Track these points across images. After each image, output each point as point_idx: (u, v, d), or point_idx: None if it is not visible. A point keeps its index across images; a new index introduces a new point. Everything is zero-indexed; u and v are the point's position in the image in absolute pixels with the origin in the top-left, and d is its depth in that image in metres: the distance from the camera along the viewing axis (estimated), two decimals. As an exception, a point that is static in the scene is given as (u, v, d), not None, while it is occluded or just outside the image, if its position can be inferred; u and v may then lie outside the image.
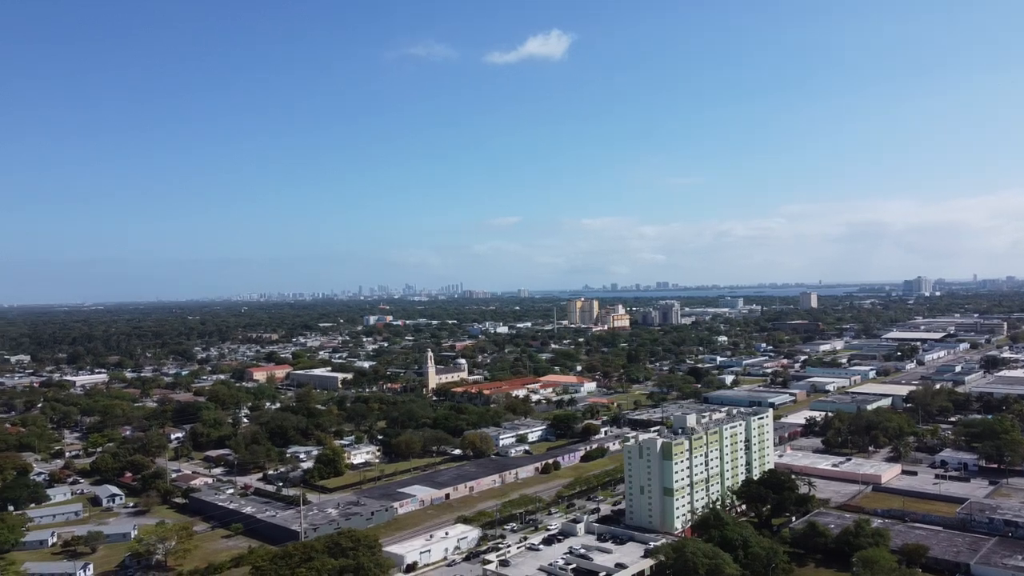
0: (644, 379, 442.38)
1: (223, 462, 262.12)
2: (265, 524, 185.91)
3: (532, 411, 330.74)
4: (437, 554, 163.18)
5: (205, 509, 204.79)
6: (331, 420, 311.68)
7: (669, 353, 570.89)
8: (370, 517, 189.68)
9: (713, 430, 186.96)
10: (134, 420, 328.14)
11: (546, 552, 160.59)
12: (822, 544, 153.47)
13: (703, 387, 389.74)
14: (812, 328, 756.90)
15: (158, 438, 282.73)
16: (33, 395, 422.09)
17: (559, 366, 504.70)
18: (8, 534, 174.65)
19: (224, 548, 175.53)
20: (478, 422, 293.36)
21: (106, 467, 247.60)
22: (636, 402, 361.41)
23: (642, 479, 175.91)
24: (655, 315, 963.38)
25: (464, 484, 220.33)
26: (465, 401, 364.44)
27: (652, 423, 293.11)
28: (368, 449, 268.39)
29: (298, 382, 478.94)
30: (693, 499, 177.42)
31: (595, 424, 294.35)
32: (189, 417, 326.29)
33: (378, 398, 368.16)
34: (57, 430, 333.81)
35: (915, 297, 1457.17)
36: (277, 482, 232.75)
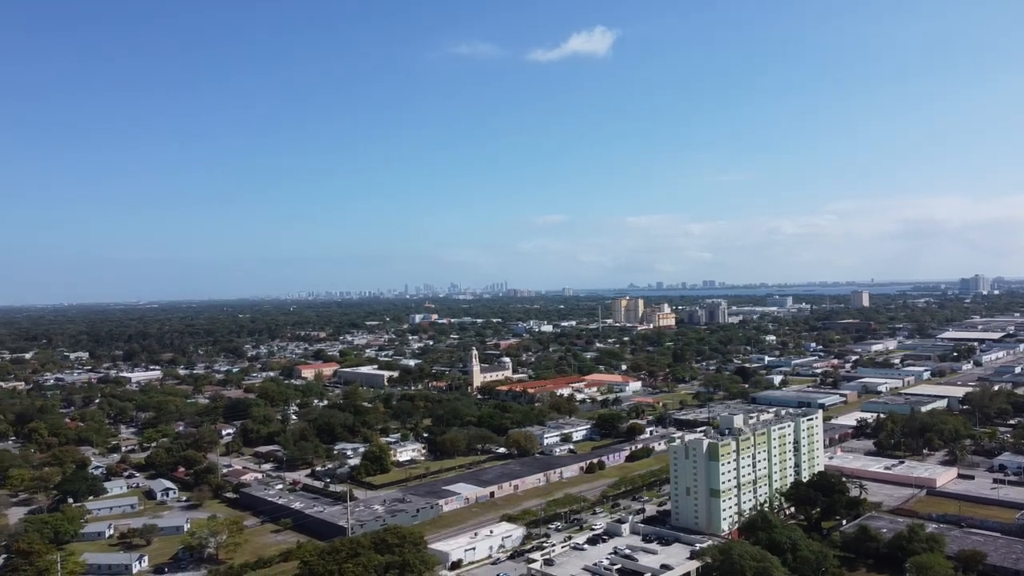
0: (690, 379, 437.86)
1: (272, 458, 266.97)
2: (313, 519, 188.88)
3: (576, 410, 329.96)
4: (482, 552, 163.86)
5: (255, 504, 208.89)
6: (377, 418, 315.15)
7: (716, 352, 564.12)
8: (415, 514, 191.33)
9: (761, 431, 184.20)
10: (187, 416, 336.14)
11: (591, 552, 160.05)
12: (874, 549, 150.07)
13: (751, 387, 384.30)
14: (864, 327, 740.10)
15: (210, 434, 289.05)
16: (91, 391, 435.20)
17: (604, 365, 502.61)
18: (68, 525, 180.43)
19: (273, 542, 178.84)
20: (523, 421, 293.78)
21: (160, 462, 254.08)
22: (682, 402, 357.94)
23: (688, 480, 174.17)
24: (701, 314, 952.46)
25: (509, 482, 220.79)
26: (510, 400, 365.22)
27: (698, 423, 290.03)
28: (414, 447, 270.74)
29: (345, 380, 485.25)
30: (740, 501, 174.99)
31: (640, 424, 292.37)
32: (240, 413, 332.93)
33: (424, 396, 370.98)
34: (114, 425, 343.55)
35: (972, 296, 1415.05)
36: (325, 478, 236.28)
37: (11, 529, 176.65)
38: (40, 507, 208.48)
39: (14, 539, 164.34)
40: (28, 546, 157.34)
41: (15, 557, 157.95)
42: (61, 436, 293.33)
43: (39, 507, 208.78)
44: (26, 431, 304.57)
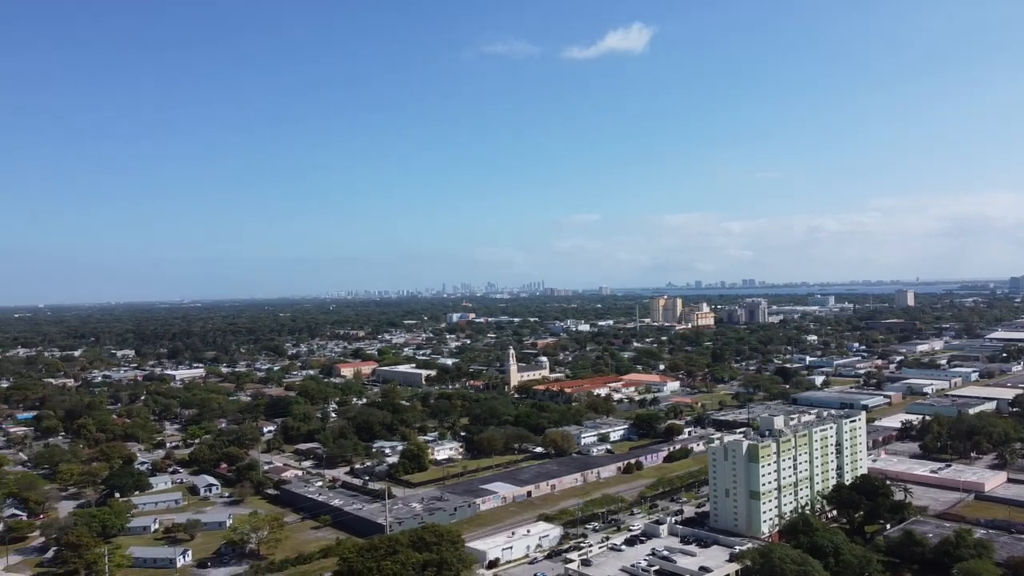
0: (729, 379, 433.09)
1: (312, 455, 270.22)
2: (352, 516, 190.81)
3: (614, 410, 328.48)
4: (519, 551, 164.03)
5: (295, 500, 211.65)
6: (415, 416, 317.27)
7: (756, 352, 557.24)
8: (453, 512, 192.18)
9: (802, 432, 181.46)
10: (229, 413, 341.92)
11: (628, 553, 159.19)
12: (919, 554, 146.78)
13: (791, 388, 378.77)
14: (909, 327, 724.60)
15: (251, 431, 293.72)
16: (137, 388, 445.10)
17: (641, 365, 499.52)
18: (115, 520, 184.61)
19: (313, 539, 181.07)
20: (560, 420, 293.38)
21: (203, 458, 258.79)
22: (721, 402, 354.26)
23: (727, 481, 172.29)
24: (741, 313, 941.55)
25: (546, 482, 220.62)
26: (547, 399, 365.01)
27: (738, 424, 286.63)
28: (451, 445, 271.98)
29: (383, 378, 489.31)
30: (781, 503, 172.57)
31: (678, 424, 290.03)
32: (280, 411, 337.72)
33: (461, 395, 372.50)
34: (159, 422, 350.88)
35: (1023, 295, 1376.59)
36: (363, 476, 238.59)
37: (61, 522, 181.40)
38: (88, 501, 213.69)
39: (64, 532, 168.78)
40: (77, 539, 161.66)
41: (65, 550, 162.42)
42: (108, 432, 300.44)
43: (87, 501, 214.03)
44: (75, 427, 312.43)
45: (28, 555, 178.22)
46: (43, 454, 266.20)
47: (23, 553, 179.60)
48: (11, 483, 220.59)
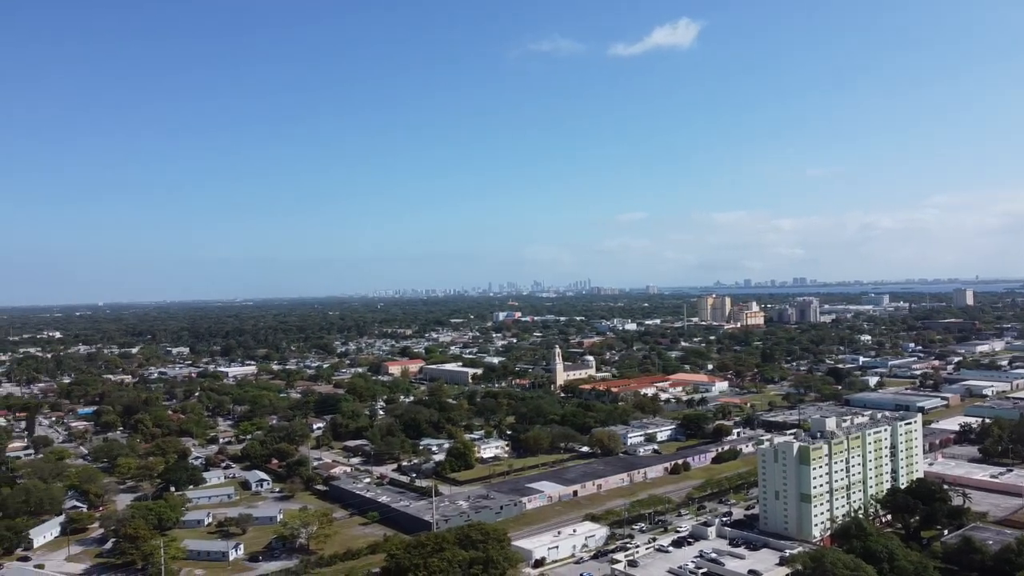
0: (779, 379, 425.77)
1: (360, 452, 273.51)
2: (399, 513, 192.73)
3: (661, 410, 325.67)
4: (565, 551, 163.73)
5: (344, 496, 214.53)
6: (462, 414, 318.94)
7: (807, 352, 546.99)
8: (499, 511, 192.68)
9: (855, 434, 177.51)
10: (280, 410, 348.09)
11: (676, 554, 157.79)
12: (978, 561, 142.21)
13: (844, 389, 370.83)
14: (967, 327, 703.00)
15: (301, 427, 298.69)
16: (191, 385, 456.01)
17: (689, 364, 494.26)
18: (170, 513, 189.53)
19: (361, 535, 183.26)
20: (606, 420, 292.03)
21: (255, 453, 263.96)
22: (771, 403, 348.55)
23: (777, 483, 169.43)
24: (792, 312, 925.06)
25: (592, 482, 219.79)
26: (593, 398, 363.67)
27: (788, 425, 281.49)
28: (497, 444, 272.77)
29: (430, 376, 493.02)
30: (833, 507, 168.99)
31: (727, 425, 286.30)
32: (329, 408, 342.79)
33: (507, 393, 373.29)
34: (212, 418, 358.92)
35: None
36: (410, 473, 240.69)
37: (119, 515, 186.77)
38: (145, 494, 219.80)
39: (122, 524, 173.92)
40: (135, 531, 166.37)
41: (123, 541, 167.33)
42: (164, 427, 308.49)
43: (144, 494, 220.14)
44: (132, 422, 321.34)
45: (88, 546, 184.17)
46: (102, 448, 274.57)
47: (84, 544, 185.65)
48: (73, 476, 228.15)
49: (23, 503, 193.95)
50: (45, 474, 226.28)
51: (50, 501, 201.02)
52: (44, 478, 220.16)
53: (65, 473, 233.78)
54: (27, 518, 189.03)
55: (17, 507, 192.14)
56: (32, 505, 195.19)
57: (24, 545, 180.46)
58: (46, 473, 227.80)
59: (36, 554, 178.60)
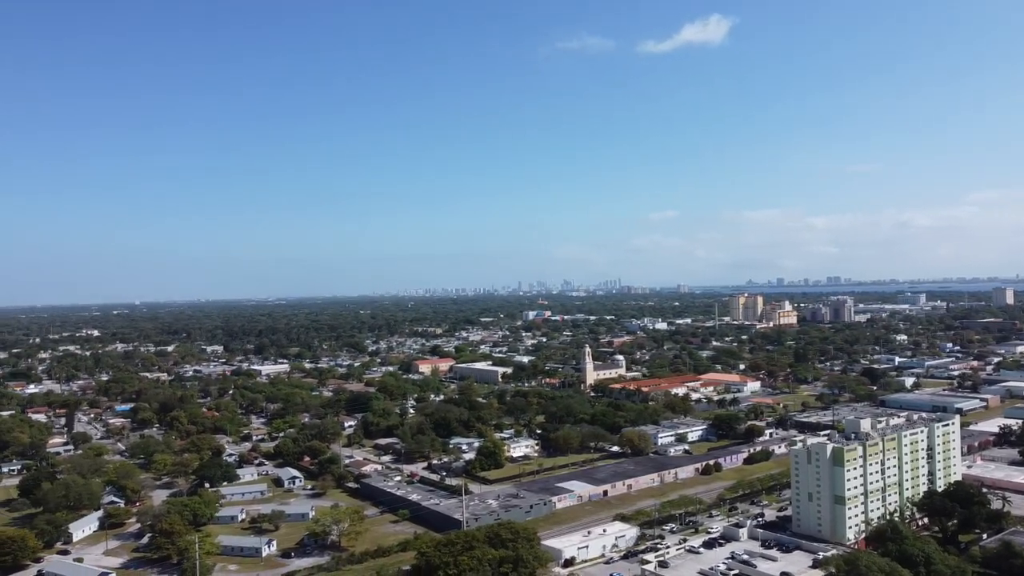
0: (813, 380, 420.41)
1: (391, 450, 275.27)
2: (429, 511, 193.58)
3: (692, 410, 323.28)
4: (595, 551, 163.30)
5: (375, 494, 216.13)
6: (492, 413, 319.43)
7: (841, 352, 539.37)
8: (529, 510, 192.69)
9: (891, 436, 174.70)
10: (312, 408, 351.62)
11: (707, 555, 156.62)
12: (1019, 567, 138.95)
13: (879, 389, 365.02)
14: (1007, 327, 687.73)
15: (333, 425, 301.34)
16: (225, 383, 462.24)
17: (721, 364, 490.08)
18: (205, 509, 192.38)
19: (392, 532, 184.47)
20: (636, 419, 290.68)
21: (287, 451, 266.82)
22: (804, 404, 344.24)
23: (810, 485, 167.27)
24: (825, 311, 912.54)
25: (622, 482, 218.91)
26: (623, 398, 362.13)
27: (822, 426, 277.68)
28: (527, 443, 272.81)
29: (460, 375, 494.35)
30: (867, 509, 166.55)
31: (759, 425, 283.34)
32: (361, 406, 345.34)
33: (537, 393, 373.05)
34: (245, 415, 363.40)
35: None
36: (441, 471, 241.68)
37: (155, 510, 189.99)
38: (180, 490, 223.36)
39: (158, 519, 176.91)
40: (170, 527, 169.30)
41: (159, 536, 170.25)
42: (199, 424, 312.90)
43: (179, 490, 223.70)
44: (168, 419, 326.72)
45: (126, 540, 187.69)
46: (139, 445, 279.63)
47: (121, 538, 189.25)
48: (111, 472, 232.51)
49: (63, 498, 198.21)
50: (84, 470, 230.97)
51: (89, 496, 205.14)
52: (83, 473, 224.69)
53: (103, 469, 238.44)
54: (67, 512, 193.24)
55: (57, 502, 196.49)
56: (71, 500, 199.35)
57: (64, 539, 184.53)
58: (85, 469, 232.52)
59: (75, 548, 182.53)
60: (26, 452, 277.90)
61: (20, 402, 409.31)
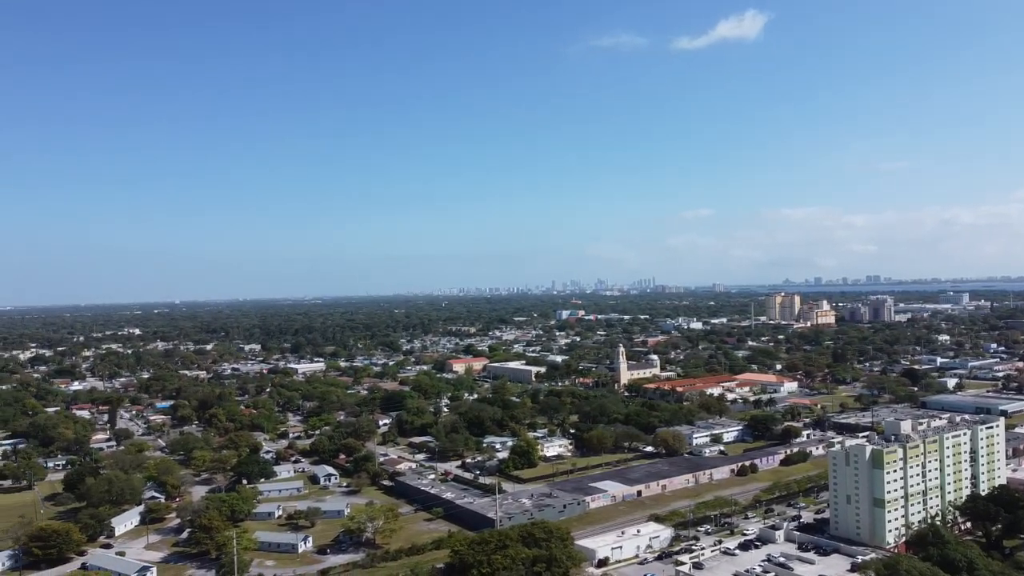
0: (851, 380, 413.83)
1: (425, 448, 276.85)
2: (463, 510, 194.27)
3: (727, 410, 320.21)
4: (629, 551, 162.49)
5: (409, 492, 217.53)
6: (525, 412, 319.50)
7: (880, 353, 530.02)
8: (562, 510, 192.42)
9: (932, 438, 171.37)
10: (347, 406, 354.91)
11: (742, 557, 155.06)
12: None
13: (920, 391, 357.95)
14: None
15: (368, 424, 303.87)
16: (262, 381, 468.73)
17: (757, 364, 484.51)
18: (243, 505, 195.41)
19: (426, 530, 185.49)
20: (671, 420, 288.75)
21: (323, 449, 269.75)
22: (842, 405, 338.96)
23: (849, 487, 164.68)
24: (864, 311, 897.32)
25: (656, 482, 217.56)
26: (657, 398, 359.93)
27: (860, 428, 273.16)
28: (560, 442, 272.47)
29: (494, 374, 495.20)
30: (908, 512, 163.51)
31: (796, 426, 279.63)
32: (395, 405, 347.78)
33: (570, 392, 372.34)
34: (282, 413, 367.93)
35: None
36: (474, 470, 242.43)
37: (195, 506, 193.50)
38: (219, 487, 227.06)
39: (197, 515, 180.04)
40: (209, 522, 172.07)
41: (198, 531, 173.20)
42: (237, 422, 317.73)
43: (218, 487, 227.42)
44: (207, 416, 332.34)
45: (166, 535, 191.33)
46: (179, 441, 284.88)
47: (162, 533, 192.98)
48: (151, 467, 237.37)
49: (106, 492, 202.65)
50: (126, 465, 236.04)
51: (130, 491, 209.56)
52: (125, 469, 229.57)
53: (144, 465, 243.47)
54: (109, 507, 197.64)
55: (100, 496, 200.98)
56: (114, 495, 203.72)
57: (107, 533, 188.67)
58: (127, 464, 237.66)
59: (118, 541, 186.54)
60: (71, 448, 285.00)
61: (65, 399, 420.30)
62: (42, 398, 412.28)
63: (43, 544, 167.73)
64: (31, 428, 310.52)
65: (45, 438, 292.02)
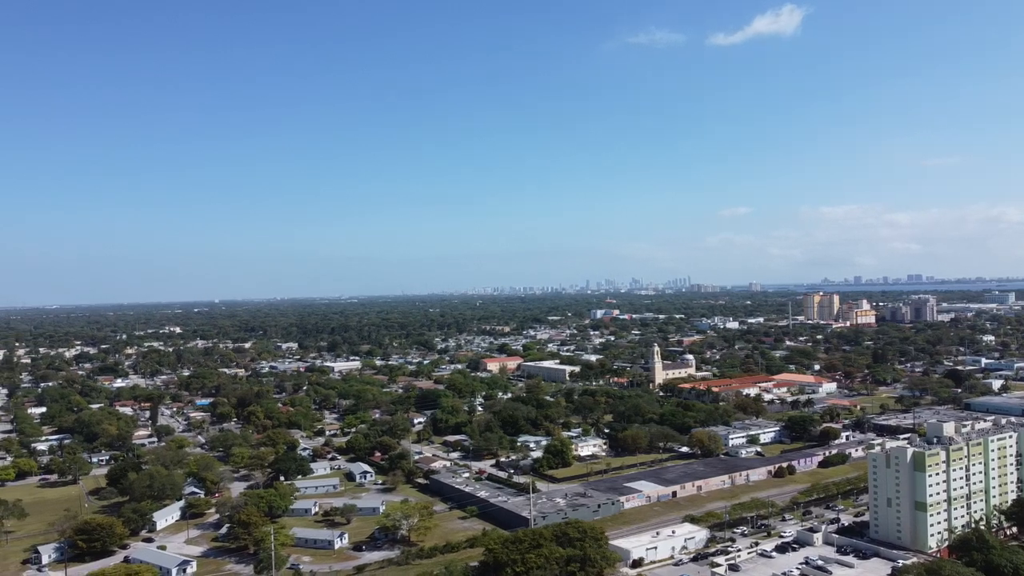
0: (892, 381, 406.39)
1: (459, 447, 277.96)
2: (497, 508, 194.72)
3: (764, 411, 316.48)
4: (664, 552, 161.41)
5: (443, 490, 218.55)
6: (559, 412, 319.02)
7: (922, 353, 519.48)
8: (596, 509, 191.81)
9: (976, 441, 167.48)
10: (382, 404, 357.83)
11: (779, 560, 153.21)
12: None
13: (964, 392, 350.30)
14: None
15: (403, 422, 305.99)
16: (300, 379, 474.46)
17: (794, 364, 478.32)
18: (280, 501, 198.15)
19: (460, 529, 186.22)
20: (706, 420, 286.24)
21: (359, 446, 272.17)
22: (883, 406, 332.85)
23: (890, 490, 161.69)
24: (906, 311, 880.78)
25: (692, 483, 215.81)
26: (692, 398, 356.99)
27: (901, 430, 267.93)
28: (595, 442, 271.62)
29: (528, 373, 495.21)
30: (951, 516, 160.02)
31: (835, 428, 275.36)
32: (430, 403, 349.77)
33: (604, 391, 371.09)
34: (319, 411, 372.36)
35: None
36: (508, 469, 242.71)
37: (233, 501, 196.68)
38: (257, 483, 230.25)
39: (236, 511, 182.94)
40: (247, 518, 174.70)
41: (237, 527, 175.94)
42: (275, 419, 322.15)
43: (256, 483, 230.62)
44: (246, 414, 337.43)
45: (206, 529, 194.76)
46: (218, 438, 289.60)
47: (201, 528, 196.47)
48: (192, 463, 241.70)
49: (147, 488, 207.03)
50: (167, 461, 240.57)
51: (171, 486, 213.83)
52: (166, 465, 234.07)
53: (185, 461, 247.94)
54: (151, 502, 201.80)
55: (142, 491, 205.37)
56: (155, 490, 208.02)
57: (148, 527, 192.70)
58: (168, 460, 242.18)
59: (159, 535, 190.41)
60: (114, 443, 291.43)
61: (108, 395, 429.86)
62: (87, 395, 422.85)
63: (88, 537, 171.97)
64: (76, 424, 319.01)
65: (90, 434, 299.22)
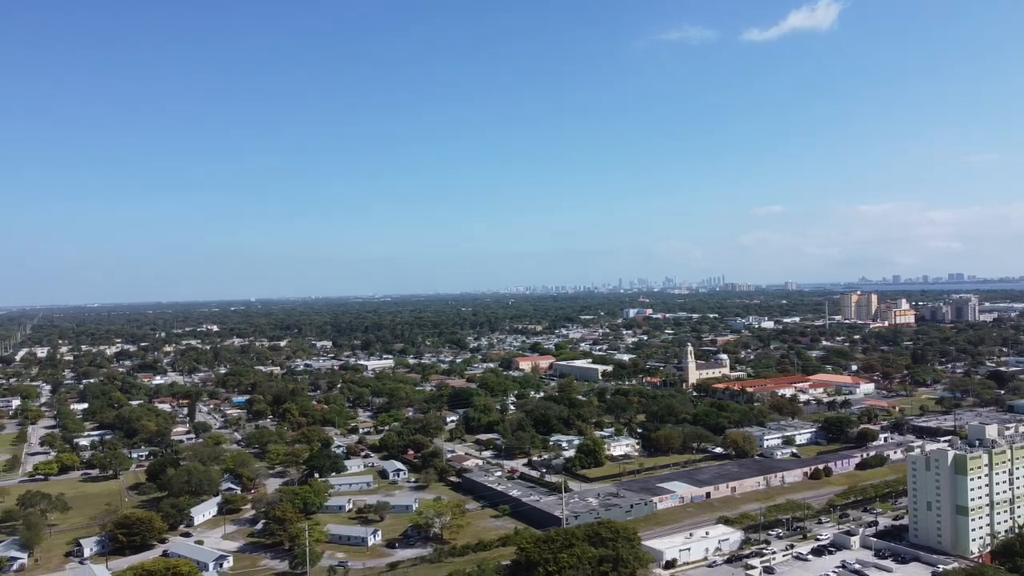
0: (932, 382, 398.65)
1: (492, 446, 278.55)
2: (529, 508, 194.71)
3: (800, 412, 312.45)
4: (697, 553, 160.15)
5: (475, 489, 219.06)
6: (591, 411, 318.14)
7: (963, 354, 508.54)
8: (629, 510, 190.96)
9: (1020, 444, 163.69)
10: (415, 402, 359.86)
11: (815, 563, 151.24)
12: None
13: (1007, 394, 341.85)
14: None
15: (435, 420, 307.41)
16: (334, 377, 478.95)
17: (831, 365, 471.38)
18: (315, 498, 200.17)
19: (492, 527, 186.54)
20: (741, 420, 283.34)
21: (392, 444, 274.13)
22: (922, 407, 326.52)
23: (929, 494, 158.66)
24: (946, 310, 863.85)
25: (726, 484, 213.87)
26: (727, 398, 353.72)
27: (942, 432, 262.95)
28: (627, 442, 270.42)
29: (560, 372, 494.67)
30: (993, 521, 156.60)
31: (873, 429, 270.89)
32: (462, 402, 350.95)
33: (637, 391, 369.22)
34: (352, 408, 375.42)
35: None
36: (540, 468, 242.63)
37: (269, 498, 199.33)
38: (292, 479, 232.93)
39: (272, 507, 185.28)
40: (282, 514, 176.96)
41: (272, 523, 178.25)
42: (309, 417, 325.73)
43: (291, 479, 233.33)
44: (281, 411, 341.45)
45: (242, 525, 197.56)
46: (254, 435, 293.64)
47: (238, 523, 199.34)
48: (228, 460, 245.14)
49: (185, 483, 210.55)
50: (204, 457, 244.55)
51: (208, 482, 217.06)
52: (203, 461, 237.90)
53: (222, 457, 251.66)
54: (188, 497, 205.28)
55: (180, 487, 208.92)
56: (193, 485, 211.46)
57: (186, 522, 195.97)
58: (205, 456, 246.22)
59: (196, 531, 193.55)
60: (153, 439, 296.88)
61: (147, 392, 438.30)
62: (127, 391, 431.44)
63: (127, 531, 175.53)
64: (117, 420, 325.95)
65: (130, 430, 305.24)
